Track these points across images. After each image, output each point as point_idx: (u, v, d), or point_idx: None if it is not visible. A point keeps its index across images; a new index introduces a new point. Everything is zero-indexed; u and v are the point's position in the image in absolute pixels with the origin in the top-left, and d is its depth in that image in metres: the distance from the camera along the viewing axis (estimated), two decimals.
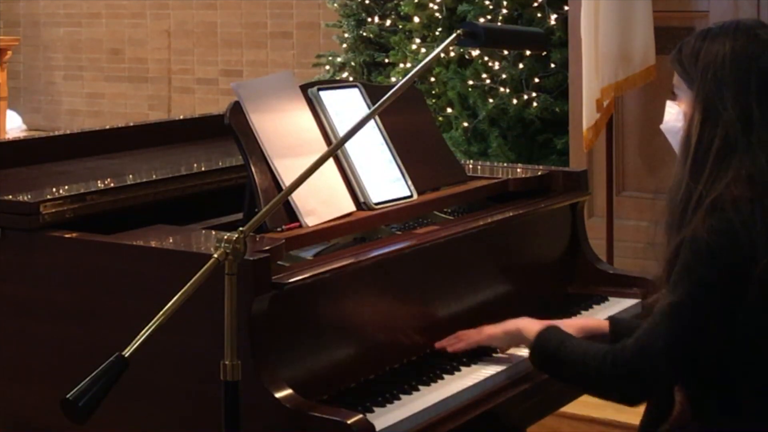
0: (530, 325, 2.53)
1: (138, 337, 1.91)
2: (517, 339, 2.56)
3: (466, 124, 5.78)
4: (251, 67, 8.71)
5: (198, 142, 3.37)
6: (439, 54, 2.43)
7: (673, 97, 2.41)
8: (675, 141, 2.40)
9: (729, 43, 2.27)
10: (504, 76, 5.65)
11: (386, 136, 2.87)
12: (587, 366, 2.34)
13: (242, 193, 2.63)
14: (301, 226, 2.57)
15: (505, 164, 4.44)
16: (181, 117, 4.32)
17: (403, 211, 2.81)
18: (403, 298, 2.60)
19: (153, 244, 2.42)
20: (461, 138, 5.76)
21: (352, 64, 6.47)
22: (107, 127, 3.51)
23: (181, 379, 2.31)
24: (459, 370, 2.56)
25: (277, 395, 2.18)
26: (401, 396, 2.40)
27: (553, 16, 5.57)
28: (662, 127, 2.45)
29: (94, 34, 9.64)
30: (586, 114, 4.65)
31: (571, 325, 2.70)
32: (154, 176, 2.83)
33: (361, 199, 2.72)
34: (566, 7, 5.38)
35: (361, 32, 6.49)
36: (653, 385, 2.32)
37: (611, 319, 2.70)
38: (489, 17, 5.66)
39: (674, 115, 2.39)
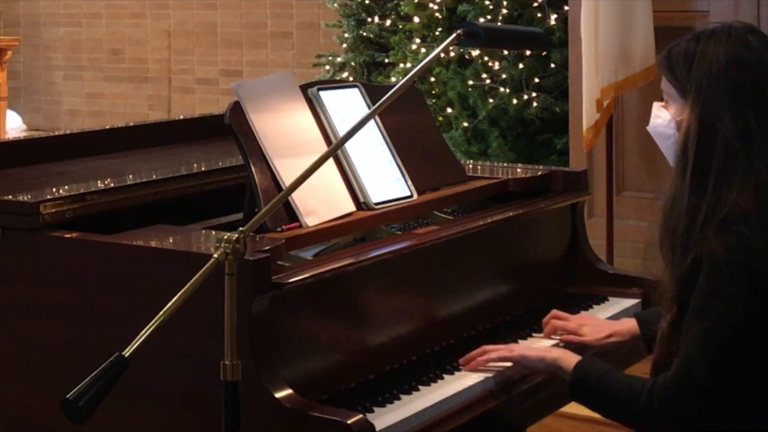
0: (568, 357, 2.45)
1: (138, 337, 1.91)
2: (553, 369, 2.47)
3: (466, 124, 5.78)
4: (251, 67, 8.71)
5: (198, 142, 3.37)
6: (439, 54, 2.43)
7: (661, 99, 2.39)
8: (664, 146, 2.37)
9: (723, 52, 2.23)
10: (504, 76, 5.65)
11: (386, 136, 2.87)
12: (632, 404, 2.28)
13: (242, 193, 2.63)
14: (301, 226, 2.57)
15: (505, 164, 4.44)
16: (181, 117, 4.32)
17: (403, 211, 2.81)
18: (403, 298, 2.60)
19: (153, 244, 2.42)
20: (461, 138, 5.76)
21: (352, 64, 6.47)
22: (107, 127, 3.51)
23: (181, 379, 2.31)
24: (459, 370, 2.56)
25: (277, 395, 2.18)
26: (401, 396, 2.39)
27: (553, 16, 5.57)
28: (650, 129, 2.42)
29: (94, 34, 9.64)
30: (586, 114, 4.65)
31: (606, 326, 2.70)
32: (154, 176, 2.83)
33: (361, 199, 2.72)
34: (566, 7, 5.38)
35: (361, 32, 6.49)
36: (701, 420, 2.23)
37: (639, 319, 2.68)
38: (489, 17, 5.66)
39: (665, 122, 2.35)
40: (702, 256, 2.19)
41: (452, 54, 5.85)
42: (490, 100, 5.67)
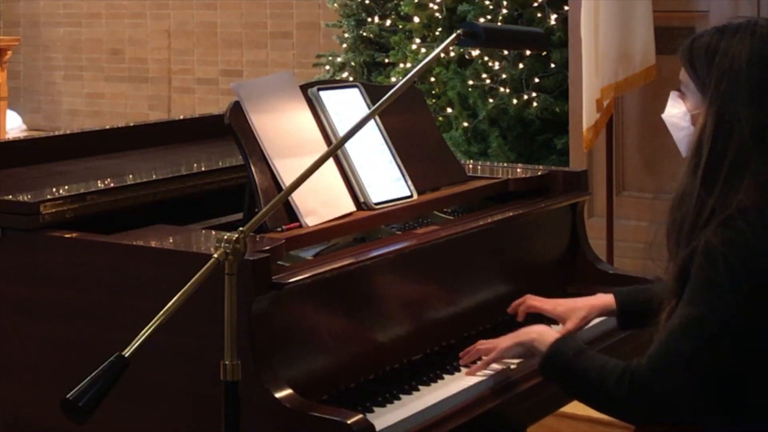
0: (544, 336, 2.44)
1: (138, 337, 1.91)
2: (531, 350, 2.46)
3: (466, 124, 5.77)
4: (251, 67, 8.71)
5: (198, 142, 3.37)
6: (439, 54, 2.43)
7: (675, 89, 2.37)
8: (678, 136, 2.35)
9: (746, 50, 2.20)
10: (504, 76, 5.65)
11: (386, 136, 2.87)
12: (604, 383, 2.26)
13: (242, 193, 2.63)
14: (301, 226, 2.57)
15: (505, 164, 4.44)
16: (181, 117, 4.32)
17: (403, 211, 2.81)
18: (403, 298, 2.60)
19: (153, 244, 2.42)
20: (461, 138, 5.76)
21: (352, 64, 6.47)
22: (107, 127, 3.51)
23: (181, 379, 2.31)
24: (459, 370, 2.56)
25: (277, 395, 2.18)
26: (401, 396, 2.40)
27: (553, 16, 5.56)
28: (664, 117, 2.39)
29: (94, 34, 9.64)
30: (586, 114, 4.64)
31: (582, 306, 2.70)
32: (154, 176, 2.83)
33: (361, 199, 2.72)
34: (566, 7, 5.38)
35: (361, 32, 6.49)
36: (674, 407, 2.23)
37: (617, 294, 2.69)
38: (489, 17, 5.66)
39: (680, 114, 2.34)
40: (698, 247, 2.19)
41: (452, 54, 5.85)
42: (490, 100, 5.67)
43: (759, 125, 2.19)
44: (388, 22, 6.40)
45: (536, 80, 5.62)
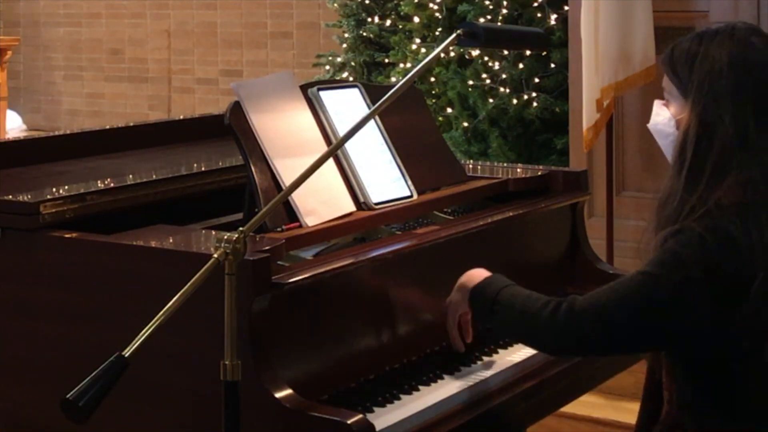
0: (473, 276, 2.50)
1: (138, 337, 1.91)
2: (463, 291, 2.51)
3: (466, 124, 5.77)
4: (251, 67, 8.71)
5: (198, 142, 3.37)
6: (439, 54, 2.43)
7: (662, 97, 2.39)
8: (664, 144, 2.38)
9: (725, 52, 2.24)
10: (504, 76, 5.65)
11: (386, 136, 2.87)
12: (526, 307, 2.33)
13: (242, 193, 2.63)
14: (301, 226, 2.57)
15: (505, 164, 4.44)
16: (181, 117, 4.32)
17: (403, 211, 2.81)
18: (402, 298, 2.60)
19: (153, 244, 2.42)
20: (461, 138, 5.76)
21: (352, 64, 6.47)
22: (107, 127, 3.51)
23: (181, 379, 2.31)
24: (459, 370, 2.57)
25: (277, 395, 2.18)
26: (401, 396, 2.40)
27: (553, 16, 5.56)
28: (650, 126, 2.42)
29: (94, 34, 9.64)
30: (586, 114, 4.64)
31: None
32: (154, 176, 2.83)
33: (361, 199, 2.72)
34: (566, 7, 5.38)
35: (361, 32, 6.49)
36: (589, 345, 2.31)
37: None
38: (489, 17, 5.66)
39: (665, 120, 2.36)
40: (672, 230, 2.21)
41: (452, 54, 5.85)
42: (490, 100, 5.67)
43: (741, 125, 2.21)
44: (388, 22, 6.40)
45: (536, 80, 5.62)
